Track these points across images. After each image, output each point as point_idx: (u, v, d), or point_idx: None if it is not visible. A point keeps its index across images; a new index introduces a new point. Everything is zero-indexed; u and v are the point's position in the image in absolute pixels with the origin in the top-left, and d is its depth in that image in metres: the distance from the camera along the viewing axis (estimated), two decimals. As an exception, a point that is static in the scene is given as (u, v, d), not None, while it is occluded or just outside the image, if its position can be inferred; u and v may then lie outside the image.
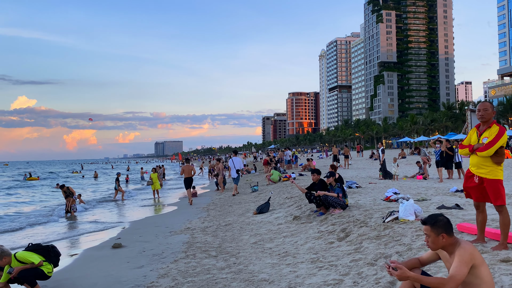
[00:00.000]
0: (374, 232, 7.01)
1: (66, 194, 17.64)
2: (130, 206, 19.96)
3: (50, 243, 11.57)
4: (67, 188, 17.97)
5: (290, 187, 16.96)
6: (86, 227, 14.28)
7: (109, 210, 19.17)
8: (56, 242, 11.44)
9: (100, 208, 20.00)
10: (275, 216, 11.12)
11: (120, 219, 15.28)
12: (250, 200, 16.17)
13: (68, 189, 17.94)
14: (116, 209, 19.57)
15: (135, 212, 17.82)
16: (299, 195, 13.82)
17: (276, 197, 14.91)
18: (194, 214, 14.24)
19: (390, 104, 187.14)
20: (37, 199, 26.96)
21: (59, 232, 13.23)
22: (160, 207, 18.63)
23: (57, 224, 15.23)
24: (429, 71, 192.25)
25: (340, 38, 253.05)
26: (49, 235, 12.57)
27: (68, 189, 17.88)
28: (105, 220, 15.49)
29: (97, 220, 15.54)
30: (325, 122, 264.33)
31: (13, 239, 12.14)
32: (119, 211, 18.46)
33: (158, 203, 20.25)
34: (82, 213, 17.91)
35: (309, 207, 10.85)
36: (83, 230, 13.54)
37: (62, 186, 18.39)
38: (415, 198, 10.32)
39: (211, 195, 21.31)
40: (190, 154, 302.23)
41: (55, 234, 12.84)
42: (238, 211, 13.36)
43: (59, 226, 14.60)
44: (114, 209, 19.37)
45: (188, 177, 18.46)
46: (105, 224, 14.51)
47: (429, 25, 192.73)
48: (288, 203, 12.78)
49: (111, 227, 13.55)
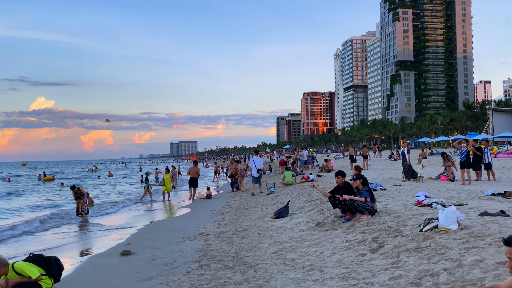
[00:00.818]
0: (412, 243, 6.16)
1: (77, 195, 17.09)
2: (144, 208, 19.37)
3: (55, 247, 11.03)
4: (78, 189, 17.42)
5: (309, 189, 16.12)
6: (95, 230, 13.67)
7: (122, 211, 18.61)
8: (60, 248, 10.86)
9: (114, 209, 19.44)
10: (296, 221, 10.32)
11: (133, 222, 14.64)
12: (267, 202, 15.39)
13: (79, 190, 17.38)
14: (129, 211, 18.98)
15: (148, 214, 17.20)
16: (320, 198, 12.98)
17: (295, 200, 14.09)
18: (208, 217, 13.51)
19: (407, 104, 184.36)
20: (48, 201, 26.58)
21: (66, 236, 12.63)
22: (172, 210, 17.91)
23: (66, 227, 14.66)
24: (447, 70, 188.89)
25: (356, 37, 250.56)
26: (54, 240, 11.97)
27: (79, 190, 17.33)
28: (117, 223, 14.88)
29: (109, 223, 14.94)
30: (340, 122, 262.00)
31: (16, 246, 11.57)
32: (132, 213, 17.86)
33: (169, 206, 19.49)
34: (94, 215, 17.36)
35: (333, 212, 10.02)
36: (92, 234, 12.94)
37: (73, 187, 17.85)
38: (449, 203, 9.42)
39: (226, 197, 20.58)
40: (205, 154, 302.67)
41: (59, 238, 12.23)
42: (255, 215, 12.58)
43: (67, 230, 14.02)
44: (127, 211, 18.79)
45: (194, 178, 20.54)
46: (116, 227, 13.90)
47: (447, 23, 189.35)
48: (308, 207, 11.96)
49: (122, 230, 12.91)
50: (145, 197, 22.63)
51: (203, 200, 20.07)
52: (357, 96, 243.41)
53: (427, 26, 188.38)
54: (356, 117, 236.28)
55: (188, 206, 18.36)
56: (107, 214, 18.05)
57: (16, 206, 23.19)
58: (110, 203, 22.03)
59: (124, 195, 28.84)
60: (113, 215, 17.69)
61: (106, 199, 25.05)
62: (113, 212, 18.80)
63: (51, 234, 13.18)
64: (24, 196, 30.09)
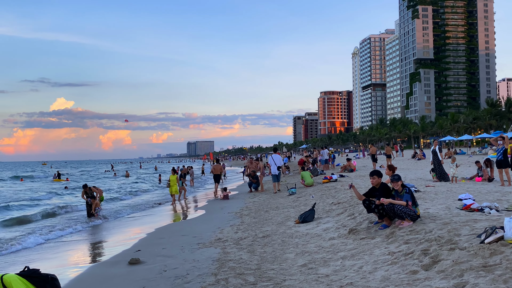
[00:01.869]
0: (476, 259, 5.01)
1: (87, 195, 16.28)
2: (158, 210, 18.46)
3: (56, 255, 10.13)
4: (89, 188, 16.62)
5: (334, 190, 14.97)
6: (105, 234, 12.78)
7: (135, 213, 17.75)
8: (62, 255, 9.97)
9: (128, 211, 18.60)
10: (323, 227, 9.21)
11: (145, 225, 13.72)
12: (288, 204, 14.29)
13: (90, 189, 16.58)
14: (142, 212, 18.12)
15: (162, 216, 16.28)
16: (348, 200, 11.84)
17: (320, 202, 12.97)
18: (225, 220, 12.49)
19: (427, 103, 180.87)
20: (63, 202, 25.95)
21: (71, 239, 11.75)
22: (187, 212, 16.79)
23: (74, 228, 13.82)
24: (468, 67, 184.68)
25: (374, 35, 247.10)
26: (57, 243, 11.09)
27: (90, 189, 16.51)
28: (128, 226, 13.99)
29: (120, 226, 14.06)
30: (358, 122, 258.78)
31: (21, 255, 10.73)
32: (145, 215, 16.97)
33: (184, 207, 18.39)
34: (108, 217, 16.52)
35: (366, 216, 8.89)
36: (101, 237, 12.05)
37: (84, 185, 17.07)
38: (501, 207, 8.21)
39: (244, 197, 19.54)
40: (221, 154, 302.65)
41: (64, 242, 11.35)
42: (276, 218, 11.50)
43: (74, 232, 13.17)
44: (140, 213, 17.92)
45: (217, 174, 21.74)
46: (127, 231, 13.00)
47: (468, 19, 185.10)
48: (336, 211, 10.83)
49: (133, 234, 11.99)
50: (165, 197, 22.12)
51: (219, 201, 19.09)
52: (375, 95, 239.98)
53: (447, 23, 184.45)
54: (374, 116, 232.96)
55: (204, 207, 17.40)
56: (121, 216, 17.21)
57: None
58: (126, 206, 21.23)
59: (139, 196, 28.10)
60: (128, 217, 16.84)
61: (123, 202, 24.26)
62: (128, 213, 17.96)
63: (56, 240, 12.34)
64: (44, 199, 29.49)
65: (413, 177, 20.11)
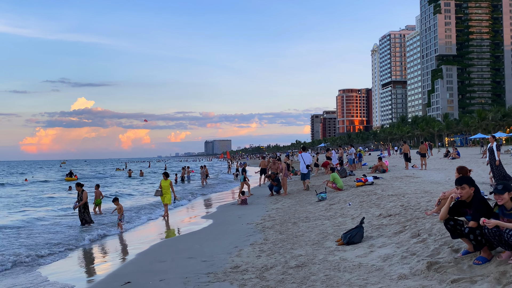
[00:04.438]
0: None
1: (80, 198, 14.01)
2: (169, 217, 16.05)
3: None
4: (83, 190, 14.30)
5: (374, 197, 12.35)
6: (91, 254, 10.40)
7: (141, 220, 15.36)
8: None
9: (130, 219, 16.24)
10: (380, 253, 6.64)
11: (141, 240, 11.32)
12: (320, 214, 11.72)
13: (83, 190, 14.29)
14: (149, 218, 15.74)
15: (167, 225, 13.89)
16: (401, 212, 9.24)
17: (362, 213, 10.39)
18: (244, 235, 10.01)
19: (449, 100, 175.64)
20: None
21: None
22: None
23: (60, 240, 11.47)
24: (493, 63, 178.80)
25: (394, 32, 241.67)
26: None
27: (83, 192, 14.19)
28: (121, 241, 11.62)
29: (112, 240, 11.70)
30: (378, 120, 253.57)
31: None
32: (151, 223, 14.58)
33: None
34: (105, 226, 14.17)
35: (442, 239, 6.32)
36: (85, 253, 9.65)
37: (78, 183, 14.78)
38: None
39: (264, 202, 17.04)
40: (239, 152, 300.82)
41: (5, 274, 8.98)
42: (310, 235, 8.95)
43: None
44: (148, 219, 15.54)
45: (264, 168, 24.44)
46: (119, 248, 10.62)
47: (493, 14, 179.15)
48: (390, 227, 8.23)
49: (125, 254, 9.58)
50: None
51: (237, 207, 16.64)
52: (395, 93, 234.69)
53: (471, 18, 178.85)
54: (394, 114, 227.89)
55: (219, 215, 14.91)
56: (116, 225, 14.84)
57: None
58: (131, 209, 18.91)
59: (145, 197, 25.82)
60: (130, 226, 14.49)
61: (130, 203, 21.98)
62: (132, 223, 15.61)
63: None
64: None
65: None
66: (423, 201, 10.08)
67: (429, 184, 15.60)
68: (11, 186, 38.31)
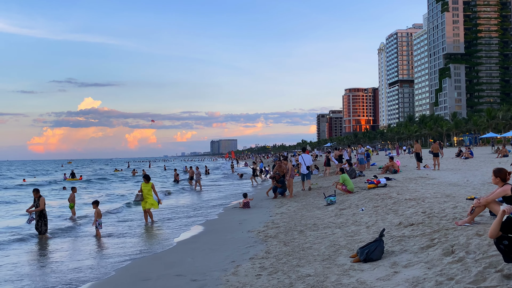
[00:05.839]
0: None
1: (36, 203, 12.33)
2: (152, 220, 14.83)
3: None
4: (40, 196, 12.45)
5: (390, 201, 11.07)
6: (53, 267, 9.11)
7: (117, 223, 14.11)
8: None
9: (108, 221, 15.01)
10: (407, 275, 5.39)
11: (124, 250, 10.08)
12: (330, 221, 10.46)
13: (39, 195, 12.42)
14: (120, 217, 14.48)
15: (151, 229, 12.63)
16: (425, 220, 7.98)
17: (377, 221, 9.14)
18: (243, 246, 8.80)
19: (457, 99, 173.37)
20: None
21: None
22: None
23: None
24: (502, 62, 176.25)
25: (401, 30, 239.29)
26: None
27: (40, 198, 12.33)
28: (98, 252, 10.39)
29: (86, 251, 10.48)
30: (384, 119, 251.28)
31: None
32: (125, 232, 13.32)
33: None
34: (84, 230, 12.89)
35: (486, 258, 5.07)
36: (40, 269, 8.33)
37: (36, 189, 12.96)
38: None
39: (268, 205, 15.82)
40: (245, 152, 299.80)
41: None
42: (319, 248, 7.71)
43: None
44: (118, 220, 14.28)
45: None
46: (94, 265, 9.35)
47: (502, 12, 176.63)
48: (414, 240, 6.96)
49: (101, 269, 8.34)
50: None
51: (238, 210, 15.43)
52: (402, 92, 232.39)
53: (479, 16, 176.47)
54: (401, 113, 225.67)
55: (217, 222, 13.68)
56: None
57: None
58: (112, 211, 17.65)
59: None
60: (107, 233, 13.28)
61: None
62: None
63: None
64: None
65: (478, 181, 16.07)
66: (448, 207, 8.82)
67: (447, 186, 14.32)
68: (5, 189, 36.81)
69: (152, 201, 13.96)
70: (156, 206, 14.13)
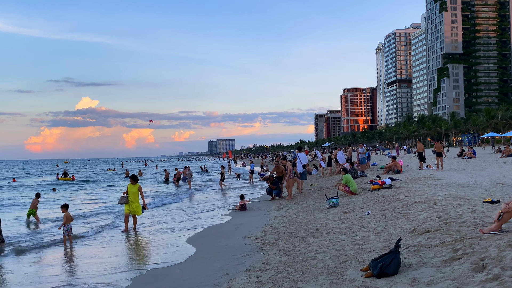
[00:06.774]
0: None
1: None
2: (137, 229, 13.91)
3: None
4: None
5: (398, 204, 10.19)
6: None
7: (100, 234, 13.17)
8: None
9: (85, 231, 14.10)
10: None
11: (101, 262, 9.16)
12: (334, 226, 9.57)
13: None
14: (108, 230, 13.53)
15: (136, 238, 11.70)
16: (441, 226, 7.11)
17: (387, 226, 8.26)
18: (238, 254, 7.90)
19: (455, 99, 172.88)
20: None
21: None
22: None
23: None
24: (500, 62, 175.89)
25: (399, 30, 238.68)
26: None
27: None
28: (69, 265, 9.47)
29: (53, 264, 9.55)
30: (383, 119, 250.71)
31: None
32: (114, 238, 12.39)
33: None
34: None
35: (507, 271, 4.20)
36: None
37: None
38: None
39: (266, 207, 14.92)
40: (243, 152, 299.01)
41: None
42: (323, 258, 6.82)
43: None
44: (104, 233, 13.31)
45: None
46: (63, 279, 8.43)
47: (500, 11, 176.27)
48: (434, 250, 6.09)
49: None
50: None
51: (235, 213, 14.51)
52: (400, 92, 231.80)
53: (477, 15, 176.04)
54: (399, 113, 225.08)
55: (210, 225, 12.75)
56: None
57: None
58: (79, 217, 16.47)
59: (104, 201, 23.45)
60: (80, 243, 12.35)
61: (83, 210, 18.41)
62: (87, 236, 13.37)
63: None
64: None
65: (487, 182, 15.23)
66: (466, 212, 7.96)
67: (457, 187, 13.46)
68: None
69: (137, 205, 12.64)
70: (139, 211, 12.72)
